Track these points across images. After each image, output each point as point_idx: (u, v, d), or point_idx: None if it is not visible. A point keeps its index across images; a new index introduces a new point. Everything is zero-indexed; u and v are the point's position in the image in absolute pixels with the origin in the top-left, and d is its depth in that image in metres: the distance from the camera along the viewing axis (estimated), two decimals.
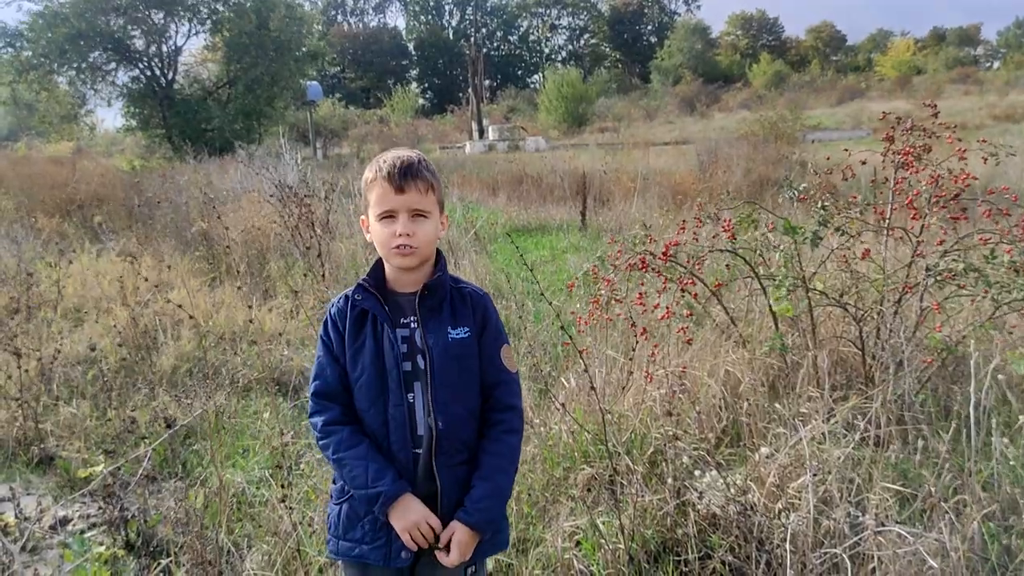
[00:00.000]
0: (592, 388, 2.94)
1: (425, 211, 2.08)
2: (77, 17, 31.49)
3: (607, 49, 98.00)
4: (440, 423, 2.08)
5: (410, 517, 2.04)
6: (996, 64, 76.68)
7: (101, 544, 3.51)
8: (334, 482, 2.25)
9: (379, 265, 2.18)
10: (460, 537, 2.06)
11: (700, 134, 31.26)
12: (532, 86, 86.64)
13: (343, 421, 2.14)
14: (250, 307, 6.20)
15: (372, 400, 2.11)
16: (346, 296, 2.18)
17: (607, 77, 74.45)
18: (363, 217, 2.17)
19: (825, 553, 2.63)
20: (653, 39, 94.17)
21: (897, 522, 2.63)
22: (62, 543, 3.64)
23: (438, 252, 2.19)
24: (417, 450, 2.10)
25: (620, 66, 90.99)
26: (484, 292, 2.25)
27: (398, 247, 2.05)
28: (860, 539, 2.58)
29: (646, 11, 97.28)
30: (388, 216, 2.07)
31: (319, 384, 2.18)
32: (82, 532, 3.78)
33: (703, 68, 77.94)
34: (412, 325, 2.13)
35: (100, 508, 3.65)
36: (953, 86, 51.50)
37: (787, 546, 2.55)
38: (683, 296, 4.39)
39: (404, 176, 2.03)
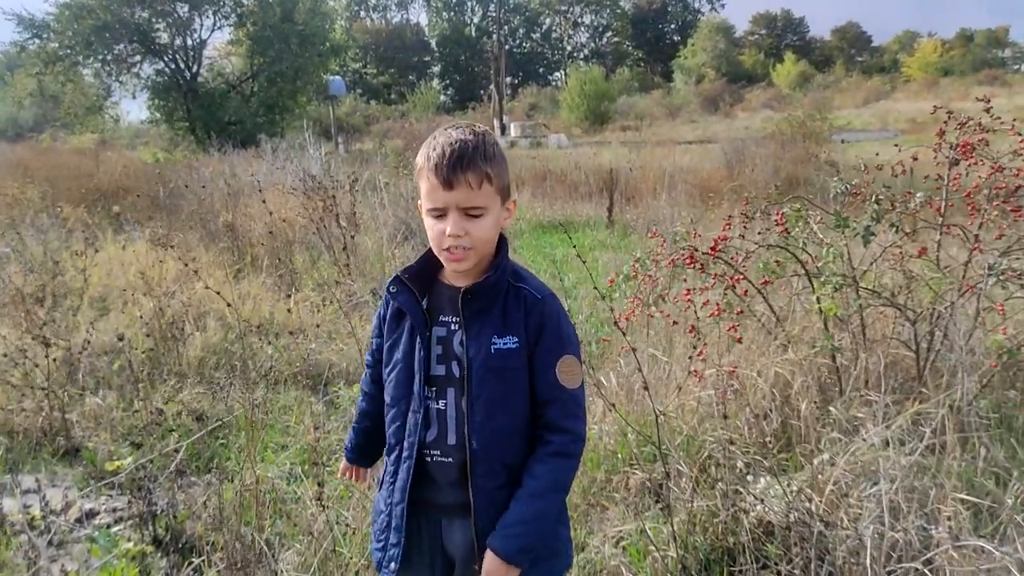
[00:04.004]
0: (645, 387, 2.79)
1: (478, 208, 1.82)
2: (103, 9, 31.62)
3: (630, 47, 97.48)
4: (475, 442, 1.88)
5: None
6: None
7: (129, 540, 3.41)
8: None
9: (430, 251, 1.96)
10: (487, 563, 1.83)
11: (724, 133, 30.98)
12: (554, 84, 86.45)
13: (365, 393, 2.23)
14: (289, 296, 6.11)
15: (397, 399, 1.97)
16: None
17: (629, 75, 74.14)
18: (419, 202, 1.92)
19: (898, 567, 2.47)
20: (676, 38, 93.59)
21: (980, 536, 2.48)
22: (89, 537, 3.55)
23: (501, 242, 1.95)
24: (444, 459, 1.92)
25: (643, 64, 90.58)
26: (546, 294, 1.93)
27: (448, 249, 1.84)
28: (937, 552, 2.42)
29: (669, 9, 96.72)
30: (437, 213, 1.84)
31: (368, 353, 2.21)
32: (108, 526, 3.69)
33: (726, 67, 77.37)
34: (452, 326, 1.92)
35: (129, 502, 3.55)
36: (981, 88, 50.79)
37: (867, 559, 2.40)
38: (727, 293, 4.24)
39: (453, 170, 1.77)
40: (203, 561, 3.08)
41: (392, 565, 1.95)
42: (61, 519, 3.72)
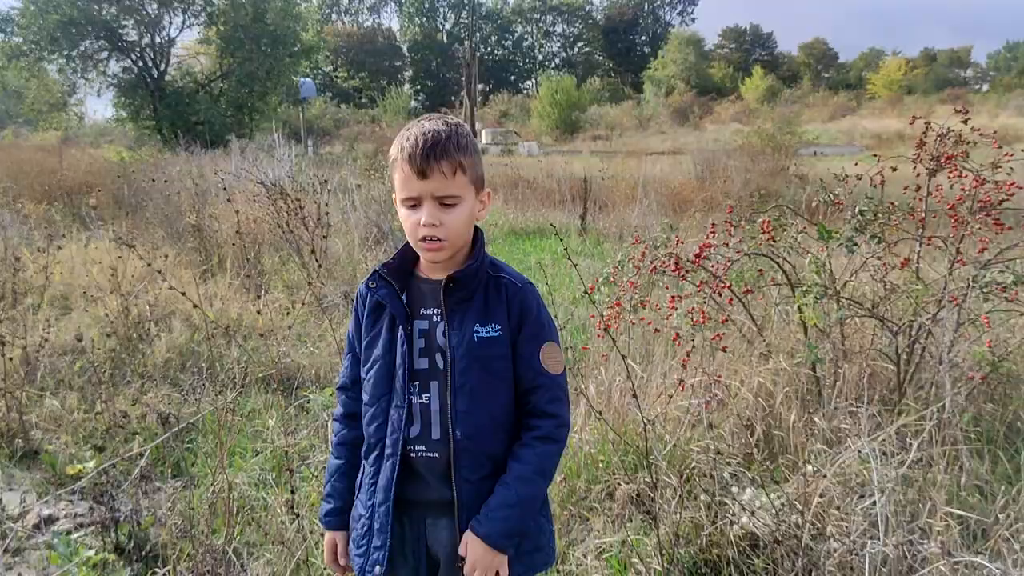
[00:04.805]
0: (634, 395, 2.72)
1: (453, 197, 1.81)
2: (69, 4, 31.02)
3: (601, 58, 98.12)
4: (459, 432, 1.84)
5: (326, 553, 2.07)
6: (985, 87, 77.20)
7: (90, 547, 3.26)
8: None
9: (408, 246, 1.94)
10: (472, 550, 1.80)
11: (693, 144, 31.18)
12: (525, 92, 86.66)
13: (343, 422, 2.07)
14: (259, 297, 5.96)
15: (377, 397, 1.91)
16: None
17: (600, 85, 74.51)
18: (394, 195, 1.90)
19: None
20: (647, 49, 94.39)
21: (977, 552, 2.43)
22: (47, 544, 3.40)
23: (477, 234, 1.93)
24: (429, 454, 1.86)
25: (613, 75, 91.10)
26: (525, 282, 1.94)
27: (424, 239, 1.81)
28: (931, 568, 2.36)
29: (640, 21, 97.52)
30: (412, 203, 1.83)
31: (340, 375, 2.08)
32: (68, 533, 3.53)
33: (696, 80, 78.08)
34: (434, 318, 1.89)
35: (90, 507, 3.40)
36: (943, 107, 51.65)
37: (865, 574, 2.34)
38: (709, 301, 4.19)
39: (426, 159, 1.76)
40: (168, 570, 2.94)
41: (377, 569, 1.88)
42: (18, 525, 3.57)
